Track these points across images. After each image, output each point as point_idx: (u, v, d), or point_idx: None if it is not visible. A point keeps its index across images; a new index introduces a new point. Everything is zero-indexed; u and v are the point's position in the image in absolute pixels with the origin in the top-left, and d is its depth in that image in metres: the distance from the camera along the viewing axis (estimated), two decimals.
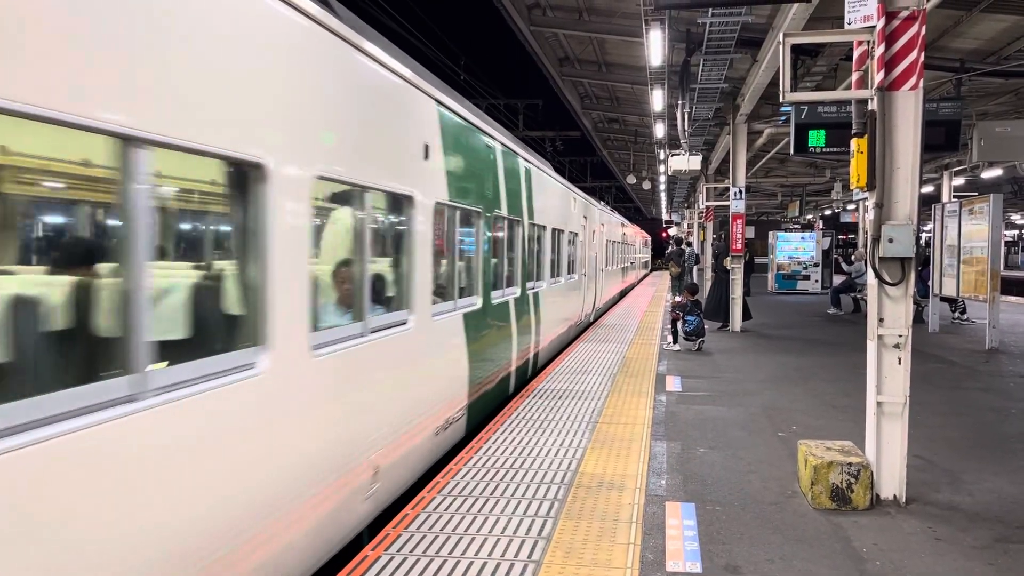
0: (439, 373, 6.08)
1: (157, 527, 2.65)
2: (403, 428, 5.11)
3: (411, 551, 4.10)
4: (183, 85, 2.77)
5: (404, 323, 5.21)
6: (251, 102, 3.24)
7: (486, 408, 7.51)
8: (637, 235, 37.15)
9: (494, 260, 7.91)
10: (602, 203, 25.21)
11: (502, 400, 8.20)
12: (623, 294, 26.71)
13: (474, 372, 6.94)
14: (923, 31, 4.82)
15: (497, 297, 7.99)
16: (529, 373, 9.81)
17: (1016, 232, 57.62)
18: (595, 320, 17.44)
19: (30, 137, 2.37)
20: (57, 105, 2.20)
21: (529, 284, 9.85)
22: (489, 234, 7.48)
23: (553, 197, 11.70)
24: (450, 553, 4.08)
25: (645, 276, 44.32)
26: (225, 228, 3.55)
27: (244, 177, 3.28)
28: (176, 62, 2.74)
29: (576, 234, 14.29)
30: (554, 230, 11.72)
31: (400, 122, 5.13)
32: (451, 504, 4.84)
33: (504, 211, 8.16)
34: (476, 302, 7.11)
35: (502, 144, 8.04)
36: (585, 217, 15.62)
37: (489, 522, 4.54)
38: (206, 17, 2.91)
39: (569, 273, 13.47)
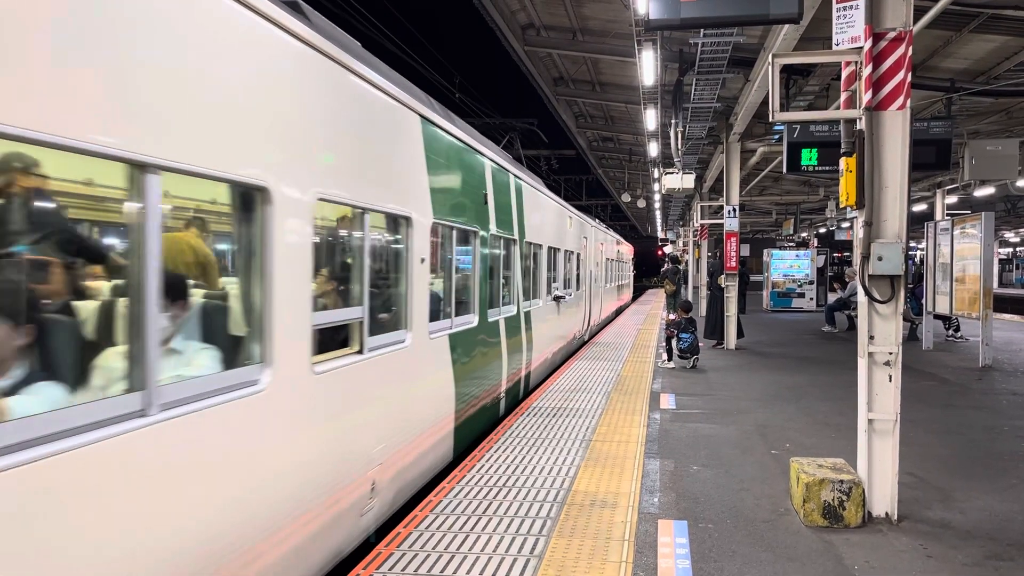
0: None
1: None
2: None
3: (403, 570, 4.09)
4: None
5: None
6: None
7: None
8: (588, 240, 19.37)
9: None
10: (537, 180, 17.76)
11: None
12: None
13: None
14: (910, 52, 4.89)
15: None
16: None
17: (1009, 250, 57.86)
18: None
19: None
20: None
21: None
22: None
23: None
24: (442, 572, 4.07)
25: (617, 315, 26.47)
26: None
27: None
28: None
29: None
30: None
31: None
32: (444, 523, 4.83)
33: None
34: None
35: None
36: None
37: (482, 540, 4.53)
38: None
39: None
